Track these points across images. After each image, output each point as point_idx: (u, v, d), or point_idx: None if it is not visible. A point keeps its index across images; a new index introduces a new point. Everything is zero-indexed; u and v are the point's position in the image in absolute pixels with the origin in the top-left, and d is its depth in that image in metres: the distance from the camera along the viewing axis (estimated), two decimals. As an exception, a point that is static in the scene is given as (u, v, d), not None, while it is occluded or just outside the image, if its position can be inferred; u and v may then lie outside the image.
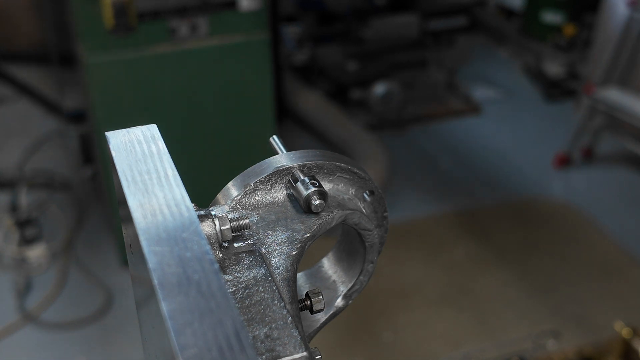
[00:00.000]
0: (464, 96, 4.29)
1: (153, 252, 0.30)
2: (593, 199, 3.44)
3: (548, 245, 3.13)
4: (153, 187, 0.32)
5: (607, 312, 2.70)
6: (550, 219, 3.32)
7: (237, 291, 0.31)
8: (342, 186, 0.38)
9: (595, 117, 3.59)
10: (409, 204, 3.36)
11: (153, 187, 0.32)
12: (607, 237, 3.17)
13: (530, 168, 3.69)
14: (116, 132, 0.36)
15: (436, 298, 2.82)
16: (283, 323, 0.29)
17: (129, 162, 0.35)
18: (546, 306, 2.77)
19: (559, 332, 2.58)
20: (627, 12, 3.51)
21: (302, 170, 0.37)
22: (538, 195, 3.49)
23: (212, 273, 0.25)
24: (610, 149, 3.80)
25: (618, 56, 3.53)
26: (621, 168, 3.69)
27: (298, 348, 0.28)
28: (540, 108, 4.29)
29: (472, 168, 3.70)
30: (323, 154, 0.38)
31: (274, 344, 0.28)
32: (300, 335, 0.28)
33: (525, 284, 2.88)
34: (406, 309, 2.76)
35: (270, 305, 0.30)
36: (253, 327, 0.29)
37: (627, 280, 2.93)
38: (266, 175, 0.36)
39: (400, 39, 4.23)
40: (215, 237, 0.33)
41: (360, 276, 0.41)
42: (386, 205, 0.40)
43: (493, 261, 3.02)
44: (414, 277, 2.92)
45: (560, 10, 4.64)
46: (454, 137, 3.97)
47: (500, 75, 4.64)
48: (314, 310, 0.36)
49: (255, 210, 0.37)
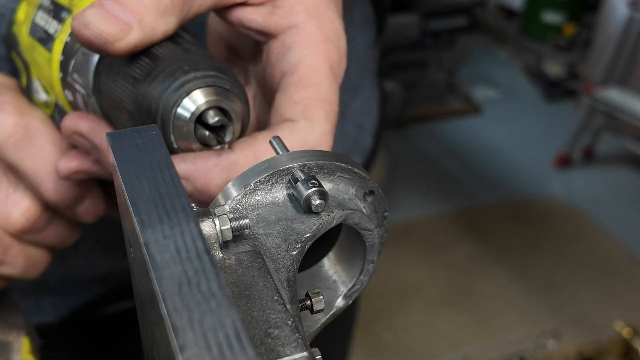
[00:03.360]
0: (464, 96, 4.30)
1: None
2: (593, 199, 3.44)
3: (548, 245, 3.13)
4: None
5: (607, 312, 2.70)
6: (550, 219, 3.32)
7: (238, 291, 0.31)
8: (342, 186, 0.38)
9: (595, 117, 3.59)
10: (409, 204, 3.36)
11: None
12: (607, 237, 3.17)
13: (531, 168, 3.69)
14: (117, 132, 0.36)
15: (436, 298, 2.82)
16: (283, 323, 0.29)
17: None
18: (546, 306, 2.77)
19: (559, 332, 2.58)
20: (627, 12, 3.51)
21: (303, 170, 0.37)
22: (538, 195, 3.49)
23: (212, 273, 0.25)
24: (610, 149, 3.80)
25: (618, 56, 3.53)
26: (621, 168, 3.70)
27: (298, 348, 0.28)
28: (540, 108, 4.29)
29: (472, 168, 3.70)
30: (323, 153, 0.38)
31: (274, 344, 0.28)
32: (300, 335, 0.29)
33: (526, 284, 2.89)
34: (406, 309, 2.76)
35: (270, 306, 0.30)
36: (253, 327, 0.29)
37: (627, 280, 2.93)
38: (266, 175, 0.36)
39: (400, 39, 4.23)
40: (215, 237, 0.33)
41: (360, 276, 0.41)
42: (386, 205, 0.40)
43: (493, 261, 3.02)
44: (414, 277, 2.92)
45: (560, 10, 4.64)
46: (454, 137, 3.98)
47: (500, 75, 4.64)
48: (314, 310, 0.36)
49: (255, 210, 0.37)
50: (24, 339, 0.58)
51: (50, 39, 0.51)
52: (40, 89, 0.53)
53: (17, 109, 0.50)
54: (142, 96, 0.43)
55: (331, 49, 0.46)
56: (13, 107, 0.50)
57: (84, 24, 0.41)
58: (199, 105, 0.42)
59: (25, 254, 0.53)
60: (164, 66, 0.43)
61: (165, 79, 0.42)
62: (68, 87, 0.49)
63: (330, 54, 0.46)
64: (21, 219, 0.51)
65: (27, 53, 0.54)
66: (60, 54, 0.49)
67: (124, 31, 0.41)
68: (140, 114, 0.43)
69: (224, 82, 0.43)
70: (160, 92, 0.42)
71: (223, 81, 0.43)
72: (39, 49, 0.52)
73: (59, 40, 0.50)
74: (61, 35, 0.49)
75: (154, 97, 0.42)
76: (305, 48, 0.45)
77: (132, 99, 0.43)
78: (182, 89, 0.42)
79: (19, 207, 0.50)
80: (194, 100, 0.42)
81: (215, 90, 0.42)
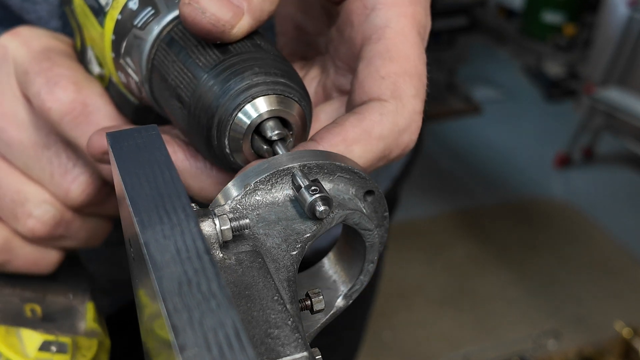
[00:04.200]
0: (464, 96, 4.29)
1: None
2: (593, 199, 3.44)
3: (548, 245, 3.13)
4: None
5: (607, 312, 2.70)
6: (550, 219, 3.32)
7: (238, 291, 0.31)
8: (342, 186, 0.38)
9: (595, 117, 3.59)
10: (409, 204, 3.36)
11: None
12: (607, 237, 3.17)
13: (531, 168, 3.69)
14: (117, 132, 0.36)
15: (436, 298, 2.82)
16: (283, 323, 0.29)
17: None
18: (546, 306, 2.77)
19: (559, 332, 2.58)
20: (627, 12, 3.51)
21: (303, 171, 0.36)
22: (538, 195, 3.49)
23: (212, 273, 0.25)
24: (610, 149, 3.80)
25: (618, 56, 3.53)
26: (621, 168, 3.70)
27: (298, 348, 0.28)
28: (540, 108, 4.29)
29: (472, 168, 3.70)
30: (323, 153, 0.38)
31: (274, 344, 0.28)
32: (300, 335, 0.28)
33: (526, 284, 2.89)
34: (406, 309, 2.76)
35: (270, 306, 0.30)
36: (253, 327, 0.29)
37: (627, 280, 2.93)
38: (266, 175, 0.36)
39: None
40: (215, 237, 0.33)
41: (360, 276, 0.41)
42: (386, 205, 0.40)
43: (493, 261, 3.02)
44: (414, 277, 2.92)
45: (560, 10, 4.64)
46: (454, 137, 3.98)
47: (500, 75, 4.64)
48: (314, 310, 0.36)
49: (255, 210, 0.37)
50: (88, 304, 0.56)
51: (101, 12, 0.46)
52: (94, 60, 0.49)
53: (74, 83, 0.47)
54: (202, 88, 0.39)
55: (419, 10, 0.42)
56: (70, 82, 0.47)
57: (201, 9, 0.37)
58: (261, 113, 0.39)
59: (86, 227, 0.52)
60: (232, 62, 0.39)
61: (232, 76, 0.39)
62: (121, 69, 0.46)
63: (418, 16, 0.42)
64: (81, 195, 0.50)
65: (80, 17, 0.49)
66: (112, 32, 0.45)
67: (237, 16, 0.38)
68: (195, 106, 0.39)
69: (293, 92, 0.39)
70: (224, 91, 0.38)
71: (292, 91, 0.39)
72: (92, 20, 0.47)
73: (110, 16, 0.45)
74: (112, 12, 0.45)
75: (216, 94, 0.39)
76: (391, 9, 0.41)
77: (190, 89, 0.40)
78: (248, 92, 0.38)
79: (77, 182, 0.49)
80: (256, 107, 0.39)
81: (281, 100, 0.39)
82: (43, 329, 0.52)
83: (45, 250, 0.53)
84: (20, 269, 0.53)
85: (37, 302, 0.55)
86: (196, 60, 0.40)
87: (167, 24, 0.42)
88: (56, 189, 0.50)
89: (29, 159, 0.50)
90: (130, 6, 0.43)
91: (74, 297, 0.56)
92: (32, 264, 0.53)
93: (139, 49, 0.43)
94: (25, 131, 0.50)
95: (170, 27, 0.42)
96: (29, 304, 0.54)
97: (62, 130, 0.47)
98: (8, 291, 0.54)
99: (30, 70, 0.48)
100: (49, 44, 0.50)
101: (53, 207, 0.50)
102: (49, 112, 0.47)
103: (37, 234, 0.50)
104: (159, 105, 0.45)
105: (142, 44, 0.43)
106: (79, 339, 0.54)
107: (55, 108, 0.46)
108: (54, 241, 0.52)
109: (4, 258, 0.52)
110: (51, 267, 0.54)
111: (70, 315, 0.55)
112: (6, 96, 0.50)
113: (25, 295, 0.55)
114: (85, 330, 0.55)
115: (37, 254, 0.53)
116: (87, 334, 0.55)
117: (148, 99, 0.45)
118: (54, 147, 0.50)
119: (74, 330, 0.54)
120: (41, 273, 0.54)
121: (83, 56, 0.50)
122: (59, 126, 0.47)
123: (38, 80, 0.47)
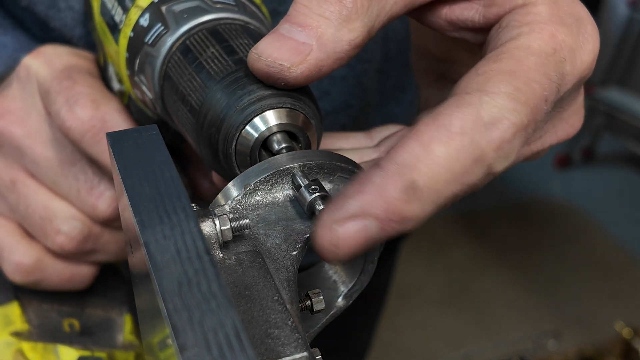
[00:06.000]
0: (464, 96, 4.29)
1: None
2: (593, 199, 3.44)
3: (548, 245, 3.13)
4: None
5: (607, 312, 2.70)
6: (550, 219, 3.32)
7: (238, 291, 0.31)
8: (342, 186, 0.38)
9: (595, 117, 3.59)
10: (409, 204, 3.36)
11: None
12: (607, 237, 3.17)
13: (531, 168, 3.69)
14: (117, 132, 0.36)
15: (436, 298, 2.82)
16: (283, 323, 0.29)
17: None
18: (546, 306, 2.77)
19: (559, 332, 2.58)
20: (627, 12, 3.51)
21: (303, 170, 0.36)
22: (538, 195, 3.49)
23: (212, 273, 0.25)
24: (610, 149, 3.80)
25: (618, 56, 3.53)
26: (621, 168, 3.69)
27: (298, 348, 0.28)
28: (540, 108, 4.28)
29: (472, 168, 3.70)
30: (323, 153, 0.38)
31: (274, 344, 0.28)
32: (300, 335, 0.28)
33: (526, 284, 2.89)
34: (406, 309, 2.76)
35: (270, 306, 0.30)
36: (253, 327, 0.29)
37: (627, 280, 2.93)
38: (266, 175, 0.36)
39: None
40: (215, 237, 0.33)
41: (360, 276, 0.41)
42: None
43: (493, 261, 3.02)
44: (414, 277, 2.92)
45: (560, 10, 4.64)
46: (454, 137, 3.97)
47: (500, 75, 4.64)
48: (314, 310, 0.36)
49: (255, 210, 0.37)
50: (126, 316, 0.57)
51: (116, 29, 0.46)
52: (114, 77, 0.50)
53: (92, 101, 0.48)
54: (210, 97, 0.39)
55: (562, 30, 0.39)
56: (88, 100, 0.48)
57: (257, 55, 0.37)
58: (270, 126, 0.38)
59: (116, 240, 0.53)
60: (240, 75, 0.39)
61: (240, 88, 0.38)
62: (136, 87, 0.46)
63: (558, 36, 0.38)
64: (107, 210, 0.50)
65: (100, 34, 0.50)
66: (126, 50, 0.45)
67: (301, 53, 0.36)
68: (202, 114, 0.39)
69: (305, 107, 0.39)
70: (231, 103, 0.38)
71: (303, 105, 0.39)
72: (109, 37, 0.48)
73: (123, 34, 0.45)
74: (125, 29, 0.45)
75: (222, 105, 0.38)
76: (524, 26, 0.38)
77: (200, 97, 0.39)
78: (256, 104, 0.38)
79: (103, 198, 0.50)
80: (265, 121, 0.38)
81: (290, 114, 0.38)
82: (79, 344, 0.53)
83: (78, 266, 0.54)
84: (55, 286, 0.54)
85: (75, 316, 0.55)
86: (208, 66, 0.40)
87: (176, 39, 0.42)
88: (83, 205, 0.51)
89: (56, 175, 0.50)
90: (142, 23, 0.44)
91: (112, 309, 0.57)
92: (66, 280, 0.54)
93: (150, 66, 0.43)
94: (52, 148, 0.50)
95: (181, 41, 0.42)
96: (67, 318, 0.55)
97: (84, 148, 0.48)
98: (47, 307, 0.55)
99: (51, 89, 0.49)
100: (71, 62, 0.51)
101: (80, 223, 0.51)
102: (69, 130, 0.47)
103: (66, 249, 0.51)
104: (171, 120, 0.45)
105: (153, 61, 0.43)
106: (116, 352, 0.54)
107: (75, 126, 0.47)
108: (85, 256, 0.53)
109: (37, 277, 0.52)
110: (86, 283, 0.55)
111: (108, 328, 0.56)
112: (32, 115, 0.51)
113: (64, 310, 0.55)
114: (122, 343, 0.55)
115: (70, 270, 0.54)
116: (124, 346, 0.55)
117: (162, 114, 0.46)
118: (79, 163, 0.50)
119: (111, 344, 0.54)
120: (76, 289, 0.55)
121: (105, 72, 0.51)
122: (80, 144, 0.48)
123: (59, 100, 0.48)
